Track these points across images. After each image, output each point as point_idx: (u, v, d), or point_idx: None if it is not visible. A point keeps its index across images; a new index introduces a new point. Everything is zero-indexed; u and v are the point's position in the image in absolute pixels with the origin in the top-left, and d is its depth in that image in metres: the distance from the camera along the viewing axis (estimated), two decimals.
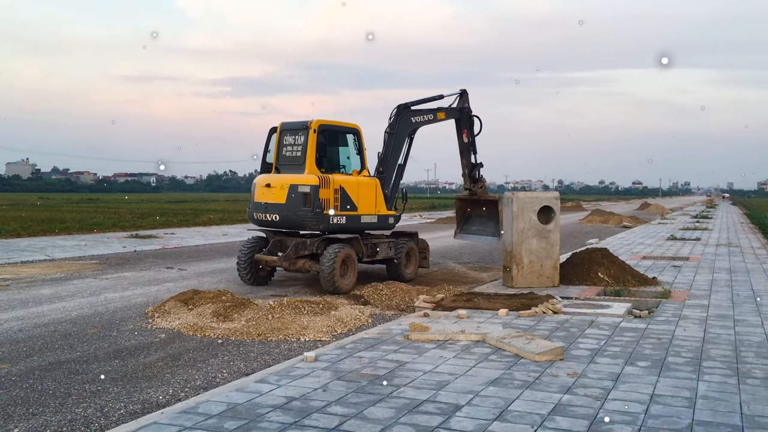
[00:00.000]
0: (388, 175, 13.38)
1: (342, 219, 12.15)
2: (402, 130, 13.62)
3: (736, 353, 7.07)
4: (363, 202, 12.54)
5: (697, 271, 14.41)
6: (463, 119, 14.91)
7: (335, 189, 12.02)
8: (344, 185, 12.25)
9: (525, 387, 5.78)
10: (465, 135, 14.89)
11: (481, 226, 15.13)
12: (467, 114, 14.91)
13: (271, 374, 6.19)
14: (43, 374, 6.74)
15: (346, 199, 12.23)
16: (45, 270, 14.75)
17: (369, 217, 12.66)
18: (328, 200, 11.89)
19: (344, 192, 12.20)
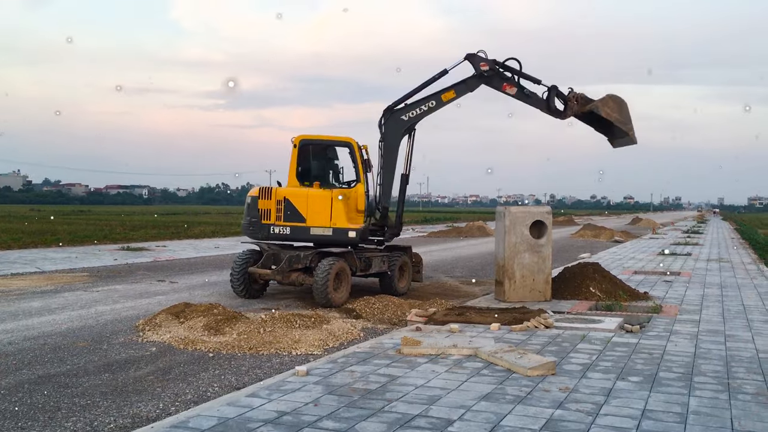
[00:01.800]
0: (385, 187, 12.97)
1: (286, 229, 12.41)
2: (392, 134, 12.86)
3: (727, 368, 7.09)
4: (313, 215, 12.43)
5: (689, 286, 14.46)
6: (492, 79, 12.77)
7: (278, 200, 12.41)
8: (289, 197, 12.50)
9: (517, 402, 5.77)
10: (507, 88, 12.74)
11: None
12: (493, 70, 12.69)
13: (262, 388, 6.17)
14: (32, 388, 6.69)
15: (292, 210, 12.42)
16: (35, 282, 14.66)
17: (321, 230, 12.40)
18: (269, 210, 12.40)
19: (289, 203, 12.44)
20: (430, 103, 12.71)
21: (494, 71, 12.68)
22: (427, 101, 12.71)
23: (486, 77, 12.71)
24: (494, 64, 12.67)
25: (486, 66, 12.66)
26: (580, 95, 12.68)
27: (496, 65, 12.69)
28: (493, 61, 12.68)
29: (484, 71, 12.64)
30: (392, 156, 12.93)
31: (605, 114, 12.40)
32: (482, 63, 12.70)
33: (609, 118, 12.43)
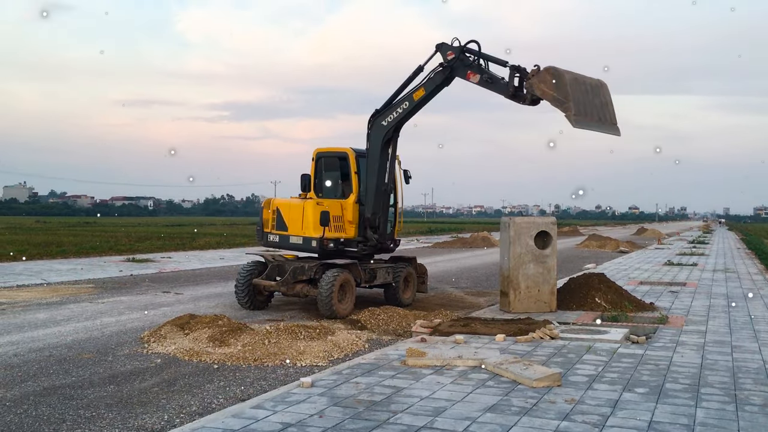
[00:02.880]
0: (367, 196, 12.77)
1: (276, 237, 13.11)
2: (374, 141, 12.57)
3: (734, 380, 7.05)
4: (291, 224, 12.87)
5: (695, 296, 14.40)
6: (457, 68, 11.83)
7: (272, 210, 13.20)
8: (280, 207, 13.15)
9: (523, 413, 5.75)
10: (471, 76, 11.70)
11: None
12: (459, 58, 11.72)
13: (267, 400, 6.16)
14: (37, 399, 6.69)
15: (280, 220, 13.03)
16: (41, 294, 14.70)
17: (295, 238, 12.82)
18: (268, 220, 13.24)
19: (279, 214, 13.07)
20: (405, 105, 12.30)
21: (459, 59, 11.72)
22: (402, 103, 12.35)
23: (451, 67, 11.83)
24: (460, 51, 11.72)
25: (452, 54, 11.75)
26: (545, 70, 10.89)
27: (462, 51, 11.73)
28: (459, 48, 11.74)
29: (449, 60, 11.79)
30: (374, 163, 12.66)
31: (540, 93, 10.85)
32: (449, 52, 11.84)
33: (544, 97, 10.86)
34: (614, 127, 11.13)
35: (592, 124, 10.86)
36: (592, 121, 10.82)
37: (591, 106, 10.80)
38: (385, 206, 12.96)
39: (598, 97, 10.96)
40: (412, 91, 12.21)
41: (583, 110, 10.67)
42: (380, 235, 12.91)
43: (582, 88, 10.80)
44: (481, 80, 11.57)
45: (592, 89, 10.89)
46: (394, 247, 13.75)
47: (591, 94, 10.85)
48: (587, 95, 10.80)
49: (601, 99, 10.99)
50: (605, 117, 10.99)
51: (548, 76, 10.69)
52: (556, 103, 10.61)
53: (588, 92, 10.85)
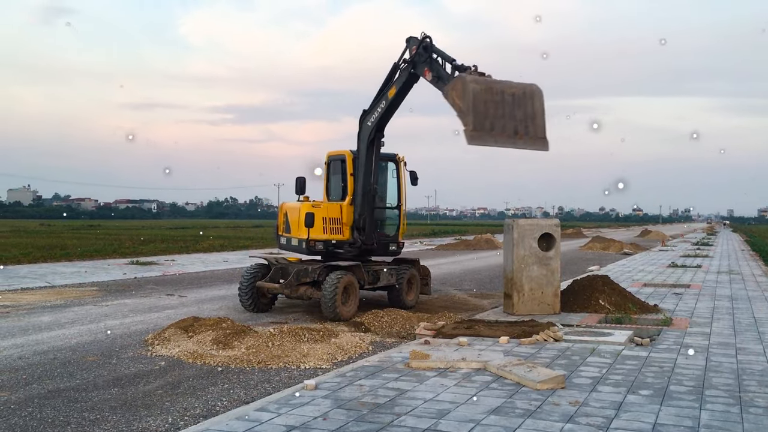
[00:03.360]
0: (355, 198, 12.77)
1: (284, 240, 13.44)
2: (360, 142, 12.58)
3: (739, 382, 7.03)
4: (293, 226, 13.11)
5: (699, 298, 14.37)
6: (417, 64, 11.37)
7: (284, 213, 13.50)
8: (288, 210, 13.37)
9: (527, 416, 5.74)
10: (426, 73, 11.19)
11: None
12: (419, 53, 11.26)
13: (271, 402, 6.16)
14: (42, 402, 6.71)
15: (287, 223, 13.36)
16: (45, 297, 14.73)
17: (295, 240, 13.05)
18: (280, 223, 13.61)
19: (286, 216, 13.35)
20: (382, 104, 12.14)
21: (419, 54, 11.25)
22: (380, 102, 12.19)
23: (414, 63, 11.37)
24: (419, 46, 11.22)
25: (414, 50, 11.29)
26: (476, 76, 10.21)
27: (421, 46, 11.19)
28: (418, 42, 11.22)
29: (412, 56, 11.36)
30: (361, 166, 12.60)
31: (450, 102, 10.25)
32: (413, 47, 11.33)
33: (453, 107, 10.27)
34: (538, 140, 10.20)
35: (501, 140, 10.05)
36: (501, 136, 10.01)
37: (505, 119, 10.00)
38: (371, 207, 12.77)
39: (522, 108, 10.09)
40: (387, 90, 12.07)
41: (489, 125, 9.93)
42: (366, 237, 12.75)
43: (495, 99, 10.00)
44: (432, 78, 11.11)
45: (514, 100, 10.06)
46: (398, 250, 13.71)
47: (510, 106, 10.03)
48: (502, 107, 9.99)
49: (525, 110, 10.09)
50: (527, 131, 10.11)
51: (458, 84, 10.14)
52: (459, 115, 10.04)
53: (504, 104, 10.01)
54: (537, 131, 10.17)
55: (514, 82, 10.28)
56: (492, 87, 10.05)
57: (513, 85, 10.17)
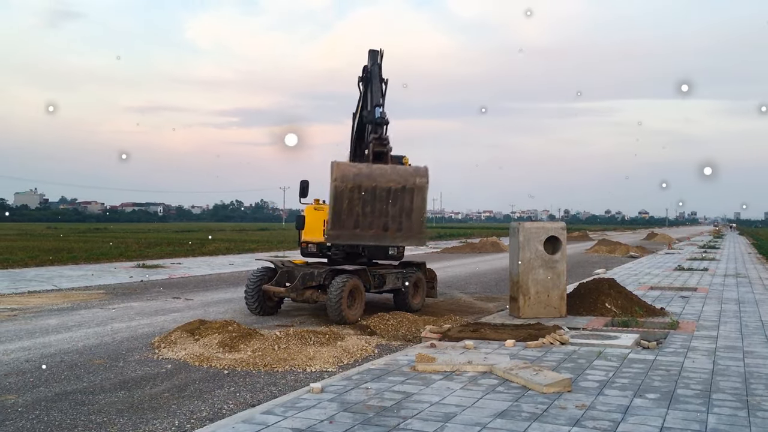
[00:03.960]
0: None
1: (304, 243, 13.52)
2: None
3: (746, 385, 7.01)
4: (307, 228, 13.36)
5: (705, 301, 14.32)
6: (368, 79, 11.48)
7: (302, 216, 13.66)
8: (306, 213, 13.50)
9: (533, 419, 5.74)
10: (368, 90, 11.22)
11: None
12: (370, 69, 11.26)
13: (277, 405, 6.17)
14: (49, 405, 6.73)
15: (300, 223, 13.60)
16: (52, 300, 14.78)
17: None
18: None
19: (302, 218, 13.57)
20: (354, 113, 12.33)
21: (370, 69, 11.12)
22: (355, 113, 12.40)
23: (365, 78, 11.36)
24: (373, 62, 11.10)
25: (367, 64, 11.27)
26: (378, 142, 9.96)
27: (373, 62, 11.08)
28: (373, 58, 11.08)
29: (366, 70, 11.32)
30: None
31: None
32: (369, 61, 11.32)
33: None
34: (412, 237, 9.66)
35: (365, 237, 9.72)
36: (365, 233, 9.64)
37: (374, 216, 9.54)
38: None
39: (398, 203, 9.52)
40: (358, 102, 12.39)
41: (353, 223, 9.55)
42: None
43: (365, 196, 9.52)
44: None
45: (389, 195, 9.52)
46: (398, 255, 13.43)
47: (383, 202, 9.53)
48: (372, 204, 9.52)
49: (402, 205, 9.49)
50: (400, 226, 9.57)
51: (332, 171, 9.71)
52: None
53: (376, 200, 9.52)
54: (412, 227, 9.64)
55: (398, 171, 9.54)
56: (362, 184, 9.54)
57: (392, 178, 9.56)
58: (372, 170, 9.64)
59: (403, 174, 9.52)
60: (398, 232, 9.66)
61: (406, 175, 9.52)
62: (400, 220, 9.57)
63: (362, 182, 9.56)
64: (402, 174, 9.52)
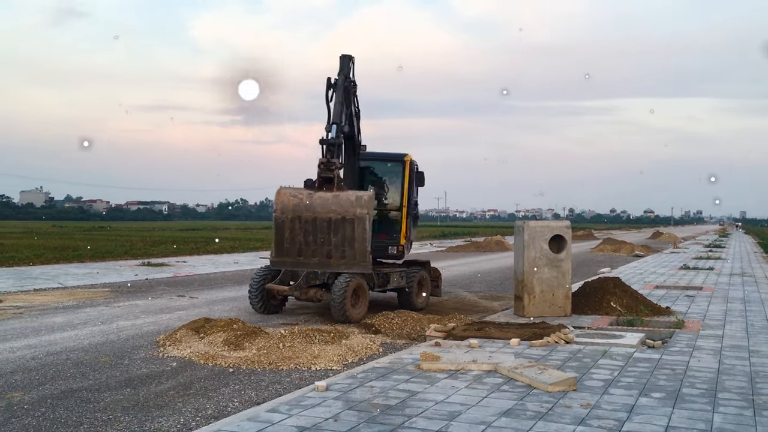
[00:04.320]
0: None
1: None
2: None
3: (752, 384, 6.99)
4: None
5: (711, 300, 14.29)
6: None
7: None
8: None
9: (538, 418, 5.73)
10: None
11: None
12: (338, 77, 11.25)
13: (282, 403, 6.18)
14: (55, 403, 6.75)
15: None
16: (57, 298, 14.83)
17: None
18: None
19: None
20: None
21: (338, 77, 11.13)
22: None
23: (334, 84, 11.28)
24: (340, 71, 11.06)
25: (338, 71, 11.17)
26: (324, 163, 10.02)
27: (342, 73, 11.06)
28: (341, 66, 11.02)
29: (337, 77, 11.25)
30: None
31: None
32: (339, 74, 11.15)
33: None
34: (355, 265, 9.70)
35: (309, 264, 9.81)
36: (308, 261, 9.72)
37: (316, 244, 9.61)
38: None
39: (339, 233, 9.61)
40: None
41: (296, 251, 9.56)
42: None
43: (306, 227, 9.64)
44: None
45: (329, 225, 9.66)
46: (398, 253, 13.32)
47: (324, 232, 9.66)
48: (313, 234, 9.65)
49: (343, 235, 9.58)
50: (343, 254, 9.65)
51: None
52: None
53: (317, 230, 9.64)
54: (355, 255, 9.71)
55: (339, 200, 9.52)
56: (302, 215, 9.64)
57: (332, 209, 9.63)
58: (313, 200, 9.75)
59: (344, 204, 9.66)
60: (342, 259, 9.79)
61: (346, 205, 9.61)
62: (343, 249, 9.67)
63: (302, 213, 9.68)
64: (343, 204, 9.62)
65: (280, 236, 9.65)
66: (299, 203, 9.64)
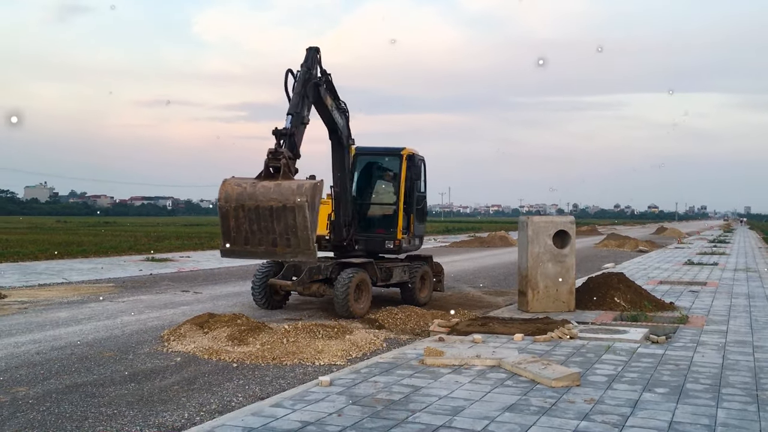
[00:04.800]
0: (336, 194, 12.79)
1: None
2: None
3: (756, 380, 6.98)
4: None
5: (715, 296, 14.26)
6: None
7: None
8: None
9: (541, 413, 5.73)
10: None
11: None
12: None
13: (286, 398, 6.19)
14: (60, 397, 6.77)
15: None
16: (62, 293, 14.87)
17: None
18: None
19: None
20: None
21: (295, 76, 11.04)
22: None
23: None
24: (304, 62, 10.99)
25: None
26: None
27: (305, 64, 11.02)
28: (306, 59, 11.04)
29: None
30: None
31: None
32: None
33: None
34: (301, 253, 9.73)
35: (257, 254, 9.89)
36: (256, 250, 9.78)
37: (261, 233, 9.72)
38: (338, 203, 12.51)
39: (282, 221, 9.66)
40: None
41: (243, 239, 9.73)
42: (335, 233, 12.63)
43: (249, 215, 9.70)
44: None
45: (272, 213, 9.65)
46: (395, 249, 13.10)
47: (267, 220, 9.67)
48: (257, 222, 9.69)
49: (285, 223, 9.65)
50: (288, 243, 9.71)
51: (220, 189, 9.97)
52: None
53: (260, 218, 9.68)
54: (300, 244, 9.70)
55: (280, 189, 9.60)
56: (245, 204, 9.72)
57: (272, 197, 9.66)
58: (255, 189, 9.76)
59: (285, 192, 9.62)
60: (287, 248, 9.81)
61: (287, 193, 9.60)
62: (287, 237, 9.71)
63: (245, 202, 9.72)
64: (283, 192, 9.61)
65: (226, 225, 9.80)
66: (243, 192, 9.74)
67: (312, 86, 10.93)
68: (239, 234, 9.83)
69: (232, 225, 9.80)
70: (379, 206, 13.46)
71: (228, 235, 9.85)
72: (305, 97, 10.78)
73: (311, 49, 11.31)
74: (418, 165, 13.49)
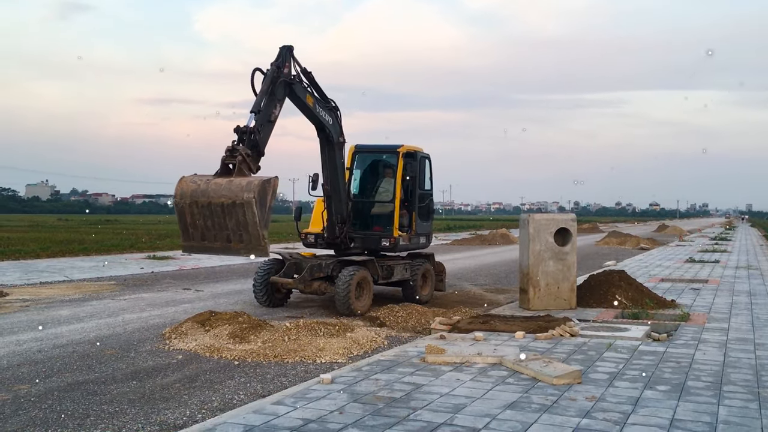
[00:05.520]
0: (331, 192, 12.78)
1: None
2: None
3: (757, 377, 6.97)
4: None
5: (717, 293, 14.25)
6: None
7: None
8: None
9: (543, 411, 5.73)
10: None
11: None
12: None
13: (287, 396, 6.20)
14: (61, 395, 6.78)
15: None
16: (63, 291, 14.88)
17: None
18: None
19: None
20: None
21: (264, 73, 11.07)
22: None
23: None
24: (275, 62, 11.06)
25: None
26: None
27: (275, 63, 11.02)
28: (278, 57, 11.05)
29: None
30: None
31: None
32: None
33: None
34: (254, 249, 9.77)
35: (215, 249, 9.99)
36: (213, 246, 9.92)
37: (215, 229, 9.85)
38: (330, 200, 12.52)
39: (233, 218, 9.75)
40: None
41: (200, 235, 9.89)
42: (328, 231, 12.71)
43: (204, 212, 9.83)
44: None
45: (223, 210, 9.75)
46: (391, 247, 12.98)
47: (220, 217, 9.78)
48: (211, 218, 9.81)
49: (237, 220, 9.75)
50: (241, 239, 9.79)
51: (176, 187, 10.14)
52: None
53: (214, 215, 9.79)
54: (251, 240, 9.76)
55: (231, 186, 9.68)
56: (198, 200, 9.84)
57: (223, 194, 9.74)
58: (209, 186, 9.87)
59: (234, 189, 9.69)
60: (241, 243, 9.88)
61: (236, 190, 9.66)
62: (240, 233, 9.80)
63: (198, 198, 9.82)
64: (233, 189, 9.69)
65: (183, 222, 9.96)
66: (197, 189, 9.86)
67: (282, 84, 10.87)
68: (196, 230, 9.97)
69: (189, 221, 9.93)
70: (376, 204, 13.43)
71: (186, 231, 10.00)
72: (272, 95, 10.76)
73: (284, 48, 11.29)
74: (420, 162, 13.44)
